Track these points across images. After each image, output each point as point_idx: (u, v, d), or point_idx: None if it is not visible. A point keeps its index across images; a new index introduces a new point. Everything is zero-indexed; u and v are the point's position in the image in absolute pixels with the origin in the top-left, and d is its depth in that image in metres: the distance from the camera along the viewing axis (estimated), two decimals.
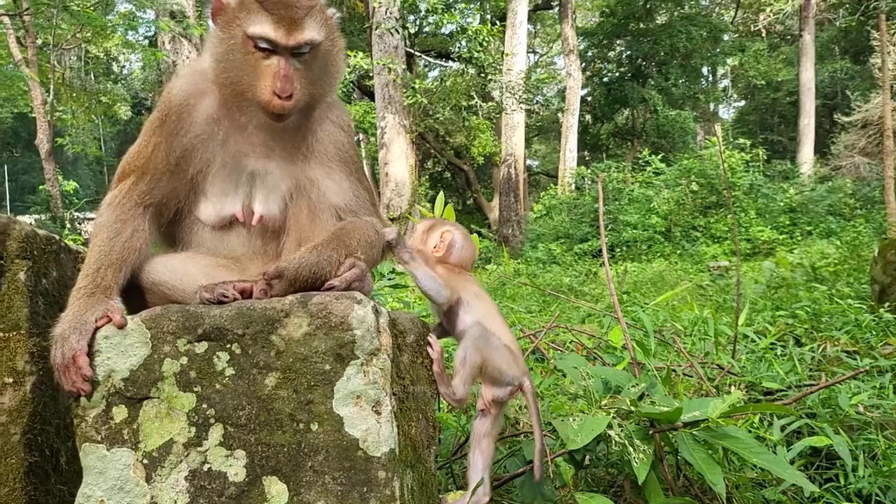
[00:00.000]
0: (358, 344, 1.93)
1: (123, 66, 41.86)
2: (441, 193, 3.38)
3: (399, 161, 19.75)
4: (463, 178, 32.19)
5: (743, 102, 44.21)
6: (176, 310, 1.97)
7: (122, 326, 1.97)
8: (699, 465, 2.56)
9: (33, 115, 26.54)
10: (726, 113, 45.79)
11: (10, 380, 2.23)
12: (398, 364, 2.09)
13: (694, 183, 20.54)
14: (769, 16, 29.76)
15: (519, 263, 18.67)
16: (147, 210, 2.26)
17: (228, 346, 1.93)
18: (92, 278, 2.09)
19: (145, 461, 1.90)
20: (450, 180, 33.96)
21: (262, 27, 2.11)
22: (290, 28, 2.12)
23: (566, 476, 2.77)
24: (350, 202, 2.40)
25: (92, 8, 27.21)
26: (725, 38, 32.65)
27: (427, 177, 32.85)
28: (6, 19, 25.87)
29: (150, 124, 2.31)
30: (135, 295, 2.21)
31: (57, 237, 2.55)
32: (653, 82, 30.58)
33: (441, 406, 3.39)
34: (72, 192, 28.90)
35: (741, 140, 24.28)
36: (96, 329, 1.99)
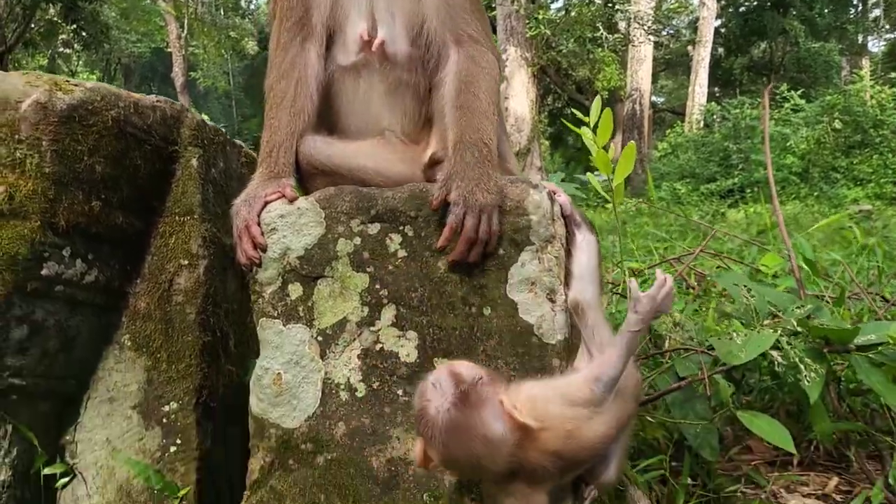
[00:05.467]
0: (533, 230, 1.86)
1: (251, 2, 42.88)
2: (632, 144, 3.04)
3: (520, 95, 19.32)
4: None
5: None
6: (350, 190, 1.95)
7: (293, 200, 1.96)
8: (879, 388, 2.38)
9: (169, 49, 27.77)
10: (876, 46, 42.07)
11: (186, 262, 2.32)
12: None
13: (837, 121, 19.08)
14: None
15: (641, 203, 18.08)
16: (305, 39, 2.19)
17: (401, 228, 1.90)
18: (266, 164, 2.09)
19: (320, 338, 1.92)
20: (570, 117, 33.14)
21: None
22: None
23: (724, 394, 2.64)
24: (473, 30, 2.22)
25: None
26: None
27: (546, 112, 32.12)
28: None
29: None
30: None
31: (223, 129, 2.60)
32: (795, 12, 28.36)
33: None
34: None
35: (893, 75, 22.31)
36: (266, 202, 1.97)
